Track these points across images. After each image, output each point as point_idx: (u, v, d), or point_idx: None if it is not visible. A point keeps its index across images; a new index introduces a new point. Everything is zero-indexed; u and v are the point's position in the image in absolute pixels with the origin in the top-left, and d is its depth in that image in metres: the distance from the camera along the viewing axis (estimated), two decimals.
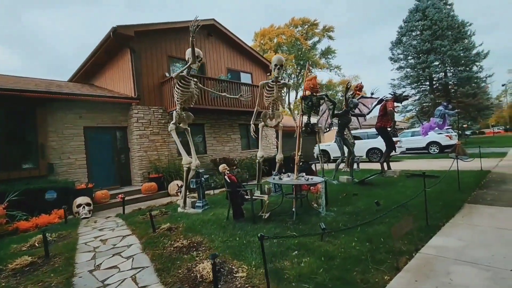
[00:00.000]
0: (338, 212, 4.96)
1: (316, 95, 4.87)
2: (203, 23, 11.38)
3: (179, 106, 6.10)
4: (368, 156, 14.75)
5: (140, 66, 9.31)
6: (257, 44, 43.56)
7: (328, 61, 49.70)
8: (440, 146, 16.97)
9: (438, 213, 4.58)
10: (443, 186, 6.62)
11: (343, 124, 7.62)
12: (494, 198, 5.38)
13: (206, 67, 11.51)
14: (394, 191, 6.43)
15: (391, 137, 8.71)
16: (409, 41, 24.83)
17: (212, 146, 11.32)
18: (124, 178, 9.24)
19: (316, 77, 4.84)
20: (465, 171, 8.54)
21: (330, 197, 6.15)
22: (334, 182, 7.78)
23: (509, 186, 6.33)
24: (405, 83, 25.54)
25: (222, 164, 5.00)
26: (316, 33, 45.66)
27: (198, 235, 4.11)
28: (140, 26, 9.16)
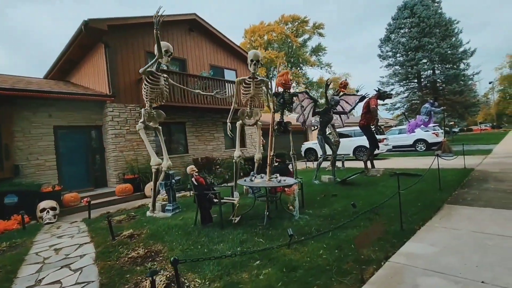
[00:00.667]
0: (313, 215, 4.73)
1: (288, 92, 4.60)
2: (183, 18, 11.05)
3: (148, 104, 5.76)
4: (355, 154, 14.63)
5: (115, 62, 8.89)
6: (247, 41, 43.17)
7: (319, 58, 49.65)
8: (427, 144, 17.02)
9: (415, 215, 4.39)
10: (424, 185, 6.47)
11: (325, 122, 7.39)
12: (474, 198, 5.23)
13: (188, 63, 11.14)
14: (374, 191, 6.24)
15: (375, 135, 8.55)
16: (398, 38, 24.83)
17: (194, 145, 10.99)
18: (99, 179, 8.85)
19: (288, 72, 4.57)
20: (448, 169, 8.43)
21: (308, 199, 5.92)
22: (316, 182, 7.57)
23: (490, 185, 6.21)
24: (394, 80, 25.57)
25: (189, 166, 4.70)
26: (306, 30, 45.46)
27: (159, 243, 3.82)
28: (114, 19, 8.74)
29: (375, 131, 9.26)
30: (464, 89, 22.78)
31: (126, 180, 8.19)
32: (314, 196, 6.06)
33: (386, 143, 14.26)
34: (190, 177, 4.48)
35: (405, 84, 26.39)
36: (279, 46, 45.87)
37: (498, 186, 6.02)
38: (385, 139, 14.37)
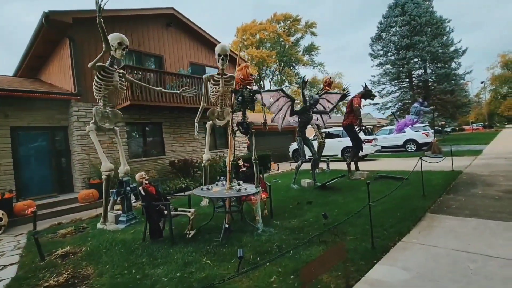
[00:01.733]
0: (280, 227, 4.21)
1: (249, 89, 4.08)
2: (160, 12, 10.45)
3: (102, 102, 5.18)
4: (343, 155, 14.18)
5: (81, 58, 8.26)
6: (239, 39, 42.54)
7: (312, 58, 49.26)
8: (417, 144, 16.67)
9: (392, 227, 3.90)
10: (408, 190, 6.02)
11: (304, 123, 6.89)
12: (460, 206, 4.78)
13: (165, 60, 10.55)
14: (353, 197, 5.74)
15: (358, 136, 8.07)
16: (389, 37, 24.47)
17: (171, 147, 10.40)
18: (65, 184, 8.23)
19: (247, 66, 4.02)
20: (435, 172, 8.01)
21: (280, 207, 5.41)
22: (294, 187, 7.07)
23: (477, 190, 5.77)
24: (385, 79, 25.23)
25: (139, 173, 4.15)
26: (298, 29, 45.00)
27: (93, 265, 3.26)
28: (79, 12, 8.11)
29: (360, 132, 8.80)
30: (455, 89, 22.51)
31: (91, 185, 7.58)
32: (287, 204, 5.55)
33: (374, 144, 13.85)
34: (138, 186, 3.93)
35: (398, 83, 26.06)
36: (272, 45, 45.37)
37: (486, 192, 5.58)
38: (374, 140, 13.96)
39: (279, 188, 7.27)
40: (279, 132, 14.43)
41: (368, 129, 14.68)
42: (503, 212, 4.23)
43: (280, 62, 45.58)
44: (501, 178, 6.73)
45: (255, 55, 39.35)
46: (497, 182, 6.34)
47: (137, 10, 9.69)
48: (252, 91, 4.10)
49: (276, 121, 6.71)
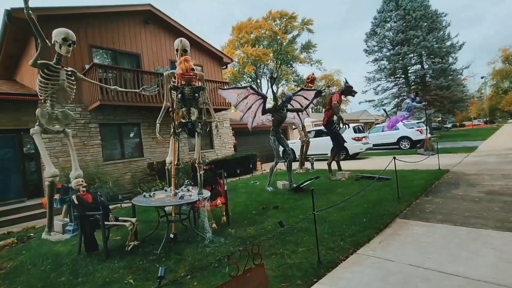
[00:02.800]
0: (234, 237, 3.85)
1: (192, 85, 3.68)
2: (137, 9, 10.09)
3: (49, 103, 4.83)
4: None
5: (49, 56, 7.88)
6: (235, 38, 42.08)
7: (309, 55, 48.72)
8: (411, 141, 16.20)
9: (352, 236, 3.52)
10: (385, 192, 5.64)
11: (277, 121, 6.51)
12: (435, 210, 4.39)
13: (143, 59, 10.19)
14: (325, 200, 5.36)
15: (339, 135, 7.67)
16: (384, 32, 23.95)
17: (150, 148, 10.07)
18: (35, 189, 7.91)
19: (187, 59, 3.61)
20: (420, 172, 7.63)
21: (243, 212, 5.06)
22: (269, 189, 6.69)
23: (458, 191, 5.39)
24: (380, 76, 24.73)
25: (76, 179, 3.81)
26: (294, 27, 44.44)
27: (5, 286, 2.92)
28: (45, 9, 7.77)
29: (339, 130, 8.42)
30: (452, 84, 21.96)
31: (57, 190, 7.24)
32: (251, 209, 5.19)
33: (365, 142, 13.43)
34: (71, 193, 3.58)
35: (395, 79, 25.54)
36: (269, 43, 44.88)
37: (467, 193, 5.19)
38: (364, 138, 13.54)
39: (252, 191, 6.92)
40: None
41: (359, 127, 14.31)
42: (478, 217, 3.84)
43: (277, 60, 45.08)
44: (487, 177, 6.34)
45: (250, 54, 38.91)
46: (482, 181, 5.95)
47: (111, 7, 9.32)
48: (194, 88, 3.72)
49: (245, 121, 6.34)
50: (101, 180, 7.96)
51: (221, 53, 12.82)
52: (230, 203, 5.75)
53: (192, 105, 3.72)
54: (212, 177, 4.72)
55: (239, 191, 7.12)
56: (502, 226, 3.45)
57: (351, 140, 13.24)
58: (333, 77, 55.10)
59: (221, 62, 13.08)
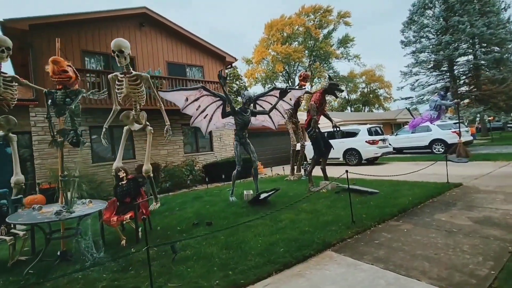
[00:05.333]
0: (123, 259, 3.42)
1: (68, 89, 3.28)
2: (132, 12, 10.22)
3: None
4: (345, 158, 12.49)
5: (40, 63, 8.35)
6: (266, 37, 41.41)
7: (346, 50, 45.88)
8: (446, 145, 13.97)
9: (240, 273, 2.84)
10: (348, 211, 4.71)
11: (241, 125, 5.89)
12: (384, 242, 3.46)
13: (137, 62, 10.30)
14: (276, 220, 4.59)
15: (319, 140, 6.72)
16: (422, 20, 21.21)
17: (142, 150, 10.13)
18: (29, 189, 8.41)
19: (57, 60, 3.18)
20: (422, 184, 6.47)
21: (169, 227, 4.60)
22: (231, 199, 6.10)
23: (445, 215, 4.32)
24: (418, 69, 21.99)
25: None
26: (329, 21, 42.15)
27: None
28: (35, 18, 8.20)
29: (337, 133, 7.44)
30: (508, 76, 18.51)
31: (41, 191, 7.61)
32: (182, 224, 4.69)
33: (381, 145, 11.91)
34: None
35: (440, 73, 22.47)
36: (304, 39, 43.28)
37: (452, 219, 4.07)
38: (381, 141, 12.01)
39: (212, 200, 6.41)
40: (281, 132, 13.27)
41: (376, 129, 12.73)
42: (427, 260, 2.88)
43: (310, 57, 43.22)
44: (500, 197, 5.00)
45: (280, 51, 37.94)
46: (488, 203, 4.70)
47: (104, 12, 9.56)
48: (69, 92, 3.35)
49: (197, 125, 5.84)
50: (89, 181, 8.21)
51: (224, 52, 12.44)
52: (164, 216, 5.33)
53: (62, 111, 3.35)
54: (134, 188, 4.33)
55: (200, 199, 6.68)
56: (444, 279, 2.47)
57: (364, 144, 11.87)
58: (374, 73, 51.13)
59: (225, 62, 12.71)
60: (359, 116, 28.08)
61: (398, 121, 27.71)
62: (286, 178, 9.13)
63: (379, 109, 54.04)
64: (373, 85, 53.83)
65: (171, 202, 6.54)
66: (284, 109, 6.85)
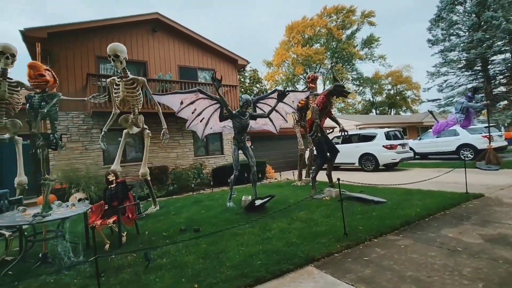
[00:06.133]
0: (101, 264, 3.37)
1: (45, 93, 3.27)
2: (145, 18, 10.49)
3: None
4: (361, 164, 11.88)
5: (58, 68, 8.79)
6: (286, 39, 41.07)
7: (371, 51, 44.29)
8: (475, 150, 12.86)
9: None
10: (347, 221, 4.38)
11: (238, 129, 5.73)
12: (374, 260, 3.13)
13: (149, 66, 10.52)
14: (266, 228, 4.37)
15: (322, 145, 6.37)
16: (451, 16, 19.86)
17: (152, 153, 10.27)
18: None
19: (34, 65, 3.19)
20: (437, 193, 5.98)
21: (156, 232, 4.52)
22: (228, 205, 5.94)
23: (454, 230, 3.87)
24: (447, 69, 20.58)
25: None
26: (353, 21, 40.91)
27: None
28: (53, 27, 8.63)
29: (345, 136, 7.10)
30: None
31: (55, 190, 7.93)
32: (170, 229, 4.59)
33: (400, 150, 11.18)
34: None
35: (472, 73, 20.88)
36: (327, 40, 42.42)
37: (460, 236, 3.64)
38: (400, 145, 11.28)
39: (210, 205, 6.29)
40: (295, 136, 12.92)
41: (395, 133, 11.98)
42: (414, 282, 2.54)
43: (332, 58, 42.19)
44: None
45: (300, 54, 37.41)
46: (506, 218, 4.22)
47: (118, 19, 9.88)
48: (45, 96, 3.36)
49: (193, 129, 5.76)
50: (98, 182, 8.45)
51: (235, 55, 12.40)
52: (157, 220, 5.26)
53: (39, 115, 3.36)
54: (122, 192, 4.31)
55: (199, 203, 6.59)
56: None
57: (381, 148, 11.22)
58: (401, 74, 48.82)
59: (236, 65, 12.67)
60: (381, 119, 26.84)
61: (425, 124, 26.13)
62: (293, 183, 8.82)
63: (406, 112, 51.46)
64: (400, 87, 51.42)
65: (170, 206, 6.51)
66: (286, 112, 6.59)
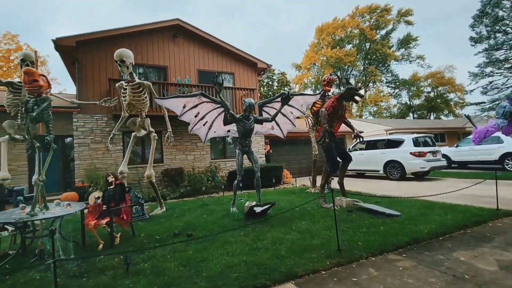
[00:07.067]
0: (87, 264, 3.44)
1: (37, 96, 3.37)
2: (166, 24, 10.86)
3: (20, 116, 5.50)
4: (386, 171, 11.12)
5: (85, 74, 9.39)
6: (316, 41, 40.21)
7: (408, 51, 41.80)
8: None
9: None
10: (346, 236, 4.09)
11: (243, 133, 5.62)
12: (363, 281, 2.80)
13: (169, 71, 10.84)
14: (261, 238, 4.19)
15: (333, 151, 5.99)
16: (497, 11, 17.99)
17: (170, 155, 10.57)
18: (71, 185, 9.46)
19: (28, 71, 3.27)
20: (463, 208, 5.37)
21: (150, 235, 4.53)
22: (232, 210, 5.83)
23: (468, 253, 3.42)
24: (492, 69, 18.65)
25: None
26: (388, 21, 38.93)
27: None
28: (81, 35, 9.24)
29: (361, 141, 6.65)
30: None
31: (77, 188, 8.46)
32: (164, 233, 4.58)
33: (430, 158, 10.27)
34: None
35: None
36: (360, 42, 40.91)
37: (471, 260, 3.19)
38: (430, 153, 10.37)
39: (214, 209, 6.22)
40: None
41: (425, 139, 11.03)
42: None
43: (365, 60, 40.46)
44: None
45: (330, 56, 36.38)
46: None
47: (141, 26, 10.33)
48: (38, 100, 3.48)
49: (195, 133, 5.73)
50: None
51: (255, 58, 12.35)
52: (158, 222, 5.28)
53: (37, 118, 3.50)
54: (119, 193, 4.40)
55: (205, 207, 6.55)
56: None
57: (408, 156, 10.39)
58: (442, 75, 45.29)
59: (256, 68, 12.61)
60: (415, 124, 25.09)
61: (467, 130, 23.92)
62: (307, 190, 8.48)
63: (449, 116, 47.54)
64: (441, 89, 47.71)
65: (176, 209, 6.57)
66: (295, 117, 6.35)
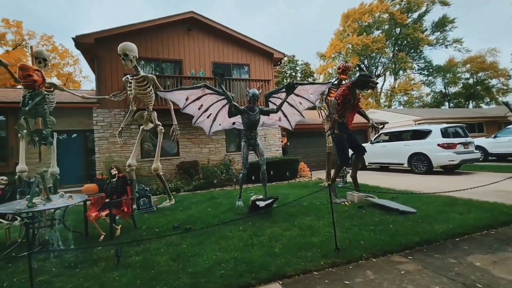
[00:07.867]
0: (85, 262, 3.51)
1: (35, 90, 3.38)
2: (180, 18, 10.88)
3: None
4: (411, 164, 10.40)
5: (103, 70, 9.70)
6: (341, 29, 38.44)
7: (443, 34, 38.65)
8: None
9: None
10: (351, 233, 3.87)
11: (248, 125, 5.45)
12: (357, 285, 2.60)
13: (184, 64, 10.88)
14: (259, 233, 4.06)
15: (343, 143, 5.61)
16: None
17: (186, 148, 10.68)
18: (92, 177, 9.91)
19: (23, 66, 3.27)
20: (484, 206, 4.83)
21: (150, 227, 4.56)
22: (238, 204, 5.74)
23: (478, 257, 3.05)
24: None
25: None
26: (420, 2, 36.12)
27: None
28: (99, 32, 9.50)
29: (376, 131, 6.21)
30: None
31: (97, 180, 8.84)
32: (164, 225, 4.58)
33: (461, 150, 9.42)
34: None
35: None
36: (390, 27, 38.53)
37: (487, 266, 2.90)
38: (461, 145, 9.50)
39: (220, 203, 6.15)
40: None
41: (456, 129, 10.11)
42: None
43: (395, 46, 38.07)
44: None
45: (356, 43, 34.62)
46: None
47: (155, 20, 10.42)
48: (33, 94, 3.51)
49: (199, 126, 5.64)
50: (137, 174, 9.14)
51: (271, 48, 12.02)
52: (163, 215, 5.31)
53: (29, 112, 3.55)
54: (121, 186, 4.46)
55: (212, 200, 6.52)
56: None
57: (435, 148, 9.60)
58: (483, 59, 41.37)
59: (272, 59, 12.28)
60: (449, 113, 23.30)
61: (510, 119, 21.77)
62: (320, 184, 8.15)
63: (490, 104, 43.48)
64: (482, 75, 43.70)
65: (184, 201, 6.60)
66: (304, 107, 6.04)
